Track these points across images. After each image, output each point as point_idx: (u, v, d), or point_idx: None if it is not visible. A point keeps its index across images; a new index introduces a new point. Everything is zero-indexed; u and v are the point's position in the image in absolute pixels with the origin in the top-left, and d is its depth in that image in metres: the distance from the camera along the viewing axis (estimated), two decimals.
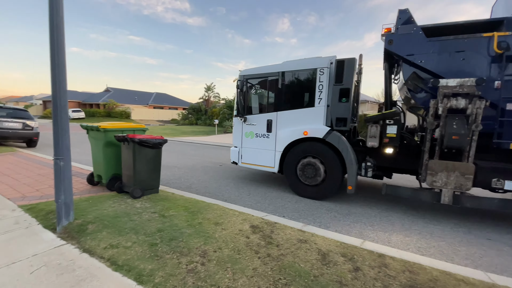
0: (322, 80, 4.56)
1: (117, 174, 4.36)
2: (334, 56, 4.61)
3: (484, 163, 3.72)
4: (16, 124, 8.87)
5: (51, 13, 2.63)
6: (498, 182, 3.62)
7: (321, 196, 4.65)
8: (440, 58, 3.93)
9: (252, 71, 5.37)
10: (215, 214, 3.43)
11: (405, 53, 4.11)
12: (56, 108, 2.76)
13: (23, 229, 2.84)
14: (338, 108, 4.44)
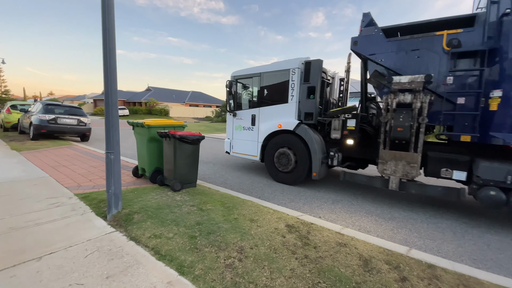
0: (294, 80, 5.14)
1: (159, 168, 4.62)
2: (306, 58, 5.11)
3: (434, 154, 3.97)
4: (72, 120, 9.90)
5: (103, 18, 2.83)
6: (446, 172, 3.86)
7: (292, 182, 5.25)
8: (398, 57, 4.23)
9: (240, 72, 6.12)
10: (250, 210, 3.44)
11: (368, 52, 4.49)
12: (108, 106, 2.98)
13: (78, 216, 3.14)
14: (306, 104, 5.03)
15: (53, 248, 2.39)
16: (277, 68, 5.47)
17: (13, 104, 13.00)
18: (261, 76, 5.73)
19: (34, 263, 2.15)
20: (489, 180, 3.42)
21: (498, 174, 3.36)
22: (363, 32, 4.55)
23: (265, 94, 5.72)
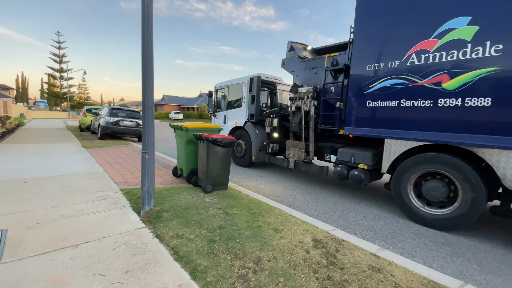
0: (244, 90, 6.92)
1: (195, 169, 4.80)
2: (256, 74, 6.72)
3: (321, 144, 5.43)
4: (131, 123, 11.12)
5: (143, 29, 3.06)
6: (327, 156, 5.26)
7: (244, 164, 7.05)
8: (304, 73, 5.96)
9: (219, 84, 8.08)
10: (276, 219, 3.28)
11: (290, 70, 6.31)
12: (144, 109, 3.20)
13: (118, 209, 3.42)
14: (250, 107, 6.72)
15: (89, 238, 2.62)
16: (237, 82, 7.29)
17: (88, 108, 15.29)
18: (229, 87, 7.65)
19: (71, 250, 2.39)
20: (341, 160, 4.66)
21: (346, 156, 4.60)
22: (287, 55, 6.42)
23: (231, 101, 7.64)
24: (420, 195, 3.78)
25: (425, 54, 3.53)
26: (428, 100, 3.52)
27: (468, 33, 3.17)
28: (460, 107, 3.25)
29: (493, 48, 2.99)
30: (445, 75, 3.35)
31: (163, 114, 49.93)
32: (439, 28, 3.40)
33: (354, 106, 4.40)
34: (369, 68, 4.14)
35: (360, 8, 4.30)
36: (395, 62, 3.82)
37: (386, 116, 3.98)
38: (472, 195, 3.23)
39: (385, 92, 3.94)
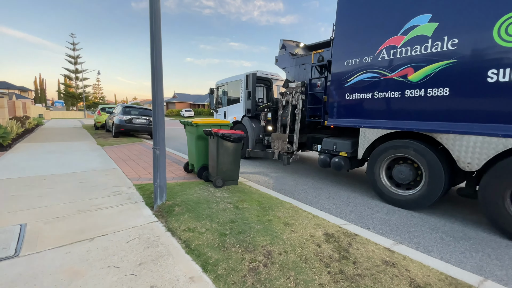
0: (242, 87, 7.30)
1: (206, 164, 4.83)
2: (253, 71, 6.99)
3: (310, 135, 5.82)
4: (144, 120, 11.33)
5: (151, 26, 3.07)
6: (315, 146, 5.62)
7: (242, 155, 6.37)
8: (295, 69, 6.49)
9: (219, 82, 8.51)
10: (287, 213, 3.26)
11: (282, 66, 6.94)
12: (154, 106, 3.23)
13: (131, 204, 3.50)
14: (247, 103, 7.06)
15: (104, 231, 2.69)
16: (235, 79, 7.69)
17: (102, 107, 15.69)
18: (228, 84, 8.04)
19: (87, 243, 2.46)
20: (325, 149, 5.00)
21: (329, 145, 4.92)
22: (279, 53, 6.98)
23: (230, 97, 8.00)
24: (391, 177, 4.14)
25: (393, 49, 3.82)
26: (397, 92, 3.80)
27: (429, 29, 3.44)
28: (423, 97, 3.54)
29: (450, 42, 3.26)
30: (410, 68, 3.64)
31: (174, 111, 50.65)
32: (405, 25, 3.68)
33: (335, 99, 4.70)
34: (347, 63, 4.43)
35: (339, 7, 4.56)
36: (369, 57, 4.11)
37: (362, 107, 4.30)
38: (433, 177, 3.55)
39: (361, 85, 4.25)
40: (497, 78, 2.93)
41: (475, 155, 3.17)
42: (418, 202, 3.75)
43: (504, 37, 2.87)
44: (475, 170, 3.20)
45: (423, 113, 3.58)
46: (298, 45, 7.11)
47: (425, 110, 3.55)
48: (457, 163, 3.34)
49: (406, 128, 3.75)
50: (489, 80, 2.99)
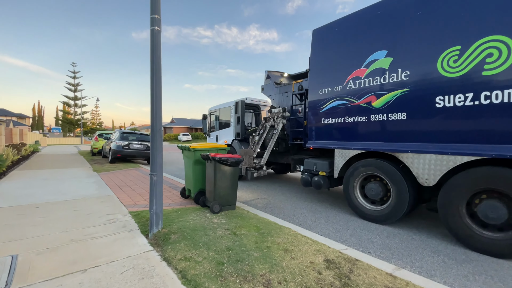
0: (232, 112, 7.79)
1: (203, 189, 4.79)
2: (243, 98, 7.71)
3: (294, 156, 6.39)
4: (141, 146, 11.36)
5: (152, 55, 3.23)
6: (298, 166, 6.00)
7: None
8: (279, 96, 7.30)
9: (212, 108, 9.13)
10: (286, 239, 3.19)
11: (268, 94, 7.77)
12: (153, 132, 3.28)
13: (126, 232, 3.41)
14: (236, 127, 7.62)
15: (98, 262, 2.60)
16: (226, 105, 8.24)
17: (100, 133, 15.78)
18: (219, 110, 8.60)
19: (79, 274, 2.37)
20: (307, 169, 5.29)
21: (309, 165, 5.22)
22: (265, 82, 7.84)
23: (221, 122, 8.51)
24: (365, 195, 4.42)
25: (358, 80, 4.30)
26: (364, 116, 4.24)
27: (386, 63, 3.94)
28: (385, 121, 3.97)
29: (403, 74, 3.74)
30: (373, 96, 4.09)
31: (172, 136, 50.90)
32: (367, 59, 4.19)
33: (313, 123, 5.18)
34: (321, 92, 4.93)
35: (313, 43, 5.16)
36: (339, 87, 4.61)
37: (335, 130, 4.75)
38: (399, 193, 3.85)
39: (333, 111, 4.72)
40: (443, 103, 3.34)
41: (431, 172, 3.48)
42: (387, 216, 4.01)
43: (446, 69, 3.31)
44: (432, 185, 3.48)
45: (386, 135, 3.99)
46: (282, 75, 7.91)
47: (388, 132, 3.97)
48: (417, 180, 3.64)
49: (373, 149, 4.12)
50: (437, 106, 3.40)
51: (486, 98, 3.00)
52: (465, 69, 3.14)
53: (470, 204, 3.29)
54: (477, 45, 3.06)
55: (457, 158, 3.24)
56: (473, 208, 3.25)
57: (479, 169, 3.13)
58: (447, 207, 3.38)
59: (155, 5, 3.24)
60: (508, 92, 2.85)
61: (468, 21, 3.17)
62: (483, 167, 3.11)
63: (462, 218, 3.26)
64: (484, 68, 3.01)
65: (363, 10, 4.39)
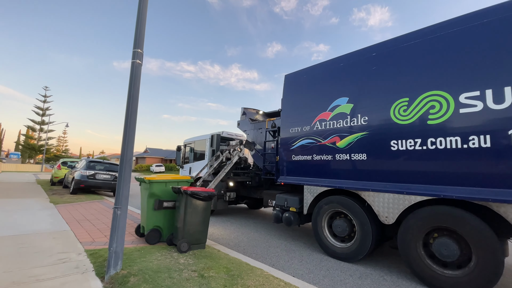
0: (207, 145, 8.03)
1: (158, 226, 4.36)
2: (219, 132, 8.11)
3: (267, 192, 6.31)
4: (108, 176, 10.68)
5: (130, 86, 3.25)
6: (270, 201, 6.00)
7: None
8: (253, 132, 7.42)
9: (187, 140, 9.21)
10: (257, 281, 3.02)
11: (243, 129, 7.82)
12: (122, 161, 3.15)
13: (79, 274, 3.03)
14: (211, 160, 7.20)
15: None
16: (201, 138, 8.36)
17: (64, 161, 14.70)
18: (195, 142, 8.66)
19: None
20: (278, 204, 5.34)
21: (281, 201, 5.28)
22: (241, 118, 7.89)
23: (196, 153, 8.54)
24: (334, 234, 4.47)
25: (324, 122, 4.65)
26: (329, 155, 4.49)
27: (348, 108, 4.32)
28: (348, 160, 4.21)
29: (362, 119, 4.10)
30: (337, 137, 4.40)
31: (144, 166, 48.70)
32: (331, 104, 4.58)
33: (284, 159, 5.37)
34: (291, 130, 5.24)
35: (285, 86, 5.59)
36: (307, 127, 4.93)
37: (304, 167, 4.93)
38: (363, 230, 3.95)
39: (302, 149, 4.96)
40: (397, 147, 3.66)
41: (390, 210, 3.66)
42: (353, 254, 4.07)
43: (398, 117, 3.70)
44: (392, 223, 3.63)
45: (350, 174, 4.21)
46: (258, 112, 8.29)
47: (351, 171, 4.19)
48: (378, 217, 3.78)
49: (338, 186, 4.29)
50: (391, 149, 3.71)
51: (432, 144, 3.36)
52: (413, 118, 3.55)
53: (426, 244, 3.44)
54: (422, 98, 3.51)
55: (411, 197, 3.47)
56: (430, 248, 3.39)
57: (428, 209, 3.37)
58: (406, 248, 3.50)
59: (139, 39, 3.36)
60: (449, 139, 3.22)
61: (414, 77, 3.67)
62: (432, 206, 3.35)
63: (423, 260, 3.37)
64: (428, 118, 3.42)
65: (329, 61, 4.93)
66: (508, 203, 2.80)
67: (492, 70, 3.05)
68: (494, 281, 2.89)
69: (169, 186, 4.46)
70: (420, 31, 3.78)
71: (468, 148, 3.08)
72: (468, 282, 3.02)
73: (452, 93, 3.28)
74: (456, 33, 3.40)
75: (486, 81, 3.06)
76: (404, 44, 3.88)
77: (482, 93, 3.06)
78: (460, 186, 3.12)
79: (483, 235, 2.94)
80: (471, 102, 3.13)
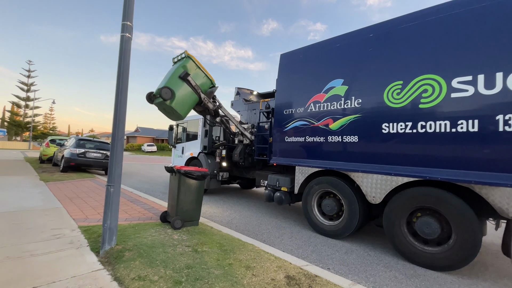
0: (200, 125, 7.79)
1: None
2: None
3: (260, 172, 6.41)
4: (100, 154, 10.55)
5: (120, 62, 3.13)
6: (262, 181, 6.10)
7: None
8: (247, 113, 7.68)
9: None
10: (249, 255, 3.15)
11: (237, 110, 8.09)
12: (114, 140, 3.11)
13: (73, 249, 3.09)
14: (203, 140, 7.54)
15: (36, 283, 2.31)
16: (194, 118, 8.04)
17: (52, 138, 14.36)
18: (187, 122, 8.43)
19: None
20: (270, 184, 5.50)
21: (273, 181, 5.44)
22: (234, 98, 8.04)
23: (189, 134, 8.39)
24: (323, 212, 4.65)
25: (318, 103, 4.66)
26: (322, 137, 4.56)
27: (342, 91, 4.33)
28: (340, 142, 4.29)
29: (356, 101, 4.14)
30: (330, 119, 4.44)
31: (135, 146, 48.17)
32: (326, 85, 4.57)
33: (277, 141, 5.41)
34: (285, 112, 5.23)
35: (280, 66, 5.51)
36: (301, 108, 4.94)
37: (297, 148, 5.00)
38: (350, 209, 4.13)
39: (296, 130, 5.00)
40: (388, 130, 3.73)
41: (377, 190, 3.81)
42: (340, 231, 4.27)
43: (391, 100, 3.73)
44: (379, 202, 3.81)
45: (341, 155, 4.30)
46: (252, 92, 8.22)
47: (342, 152, 4.28)
48: (366, 197, 3.94)
49: (329, 167, 4.41)
50: (383, 131, 3.78)
51: (422, 127, 3.44)
52: (406, 101, 3.59)
53: (410, 223, 3.63)
54: (416, 81, 3.54)
55: (399, 178, 3.61)
56: (413, 226, 3.58)
57: (413, 190, 3.52)
58: (391, 226, 3.69)
59: (128, 11, 3.19)
60: (439, 123, 3.30)
61: (410, 59, 3.67)
62: (417, 187, 3.51)
63: (405, 237, 3.58)
64: (420, 102, 3.47)
65: (325, 41, 4.83)
66: (490, 185, 2.94)
67: (486, 55, 3.07)
68: (471, 257, 3.10)
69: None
70: (418, 12, 3.71)
71: (456, 132, 3.17)
72: (446, 258, 3.24)
73: (445, 77, 3.30)
74: (453, 16, 3.36)
75: (479, 66, 3.08)
76: (402, 26, 3.82)
77: (474, 78, 3.10)
78: (446, 168, 3.25)
79: (464, 215, 3.11)
80: (463, 86, 3.17)
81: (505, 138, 2.87)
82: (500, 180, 2.87)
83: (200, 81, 5.44)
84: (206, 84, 5.61)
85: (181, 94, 5.02)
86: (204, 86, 5.56)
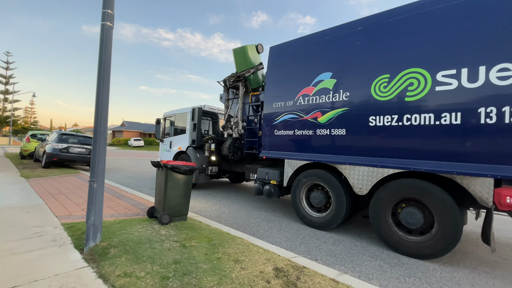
0: (188, 119, 7.65)
1: None
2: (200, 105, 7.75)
3: (249, 166, 6.34)
4: (83, 149, 10.23)
5: (100, 52, 2.99)
6: (252, 175, 6.04)
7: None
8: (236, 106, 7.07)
9: (167, 113, 8.79)
10: (237, 249, 3.15)
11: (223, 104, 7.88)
12: (96, 134, 2.99)
13: (56, 247, 2.98)
14: (192, 134, 7.48)
15: (17, 282, 2.22)
16: (182, 111, 8.01)
17: (33, 133, 13.78)
18: (175, 116, 8.31)
19: None
20: (259, 178, 5.50)
21: (262, 174, 5.44)
22: (223, 91, 7.63)
23: (176, 128, 8.22)
24: (311, 205, 4.71)
25: (307, 97, 4.65)
26: (311, 130, 4.57)
27: (330, 84, 4.34)
28: (328, 135, 4.33)
29: (344, 95, 4.16)
30: (319, 113, 4.45)
31: (121, 140, 47.05)
32: (315, 79, 4.56)
33: (266, 134, 5.40)
34: (275, 105, 5.21)
35: (269, 60, 5.48)
36: (290, 102, 4.92)
37: (286, 141, 5.01)
38: (338, 201, 4.20)
39: (285, 123, 5.00)
40: (375, 123, 3.78)
41: (364, 182, 3.89)
42: (328, 222, 4.34)
43: (378, 93, 3.77)
44: (365, 194, 3.89)
45: (329, 148, 4.34)
46: None
47: (330, 145, 4.32)
48: (353, 189, 4.02)
49: (317, 160, 4.46)
50: (370, 124, 3.83)
51: (407, 120, 3.50)
52: (392, 94, 3.64)
53: (395, 214, 3.74)
54: (402, 75, 3.58)
55: (384, 170, 3.70)
56: (397, 217, 3.69)
57: (398, 181, 3.62)
58: (376, 217, 3.78)
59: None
60: (424, 116, 3.37)
61: (396, 53, 3.71)
62: (401, 179, 3.60)
63: (390, 227, 3.68)
64: (406, 95, 3.53)
65: (314, 34, 4.80)
66: (470, 175, 3.04)
67: (469, 49, 3.13)
68: (452, 246, 3.23)
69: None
70: (404, 7, 3.74)
71: (440, 124, 3.24)
72: (429, 247, 3.35)
73: (430, 71, 3.36)
74: (438, 11, 3.41)
75: (463, 60, 3.15)
76: (389, 20, 3.84)
77: (458, 72, 3.16)
78: (430, 160, 3.33)
79: (446, 205, 3.22)
80: (447, 80, 3.23)
81: (486, 130, 2.96)
82: (481, 170, 2.97)
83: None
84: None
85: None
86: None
